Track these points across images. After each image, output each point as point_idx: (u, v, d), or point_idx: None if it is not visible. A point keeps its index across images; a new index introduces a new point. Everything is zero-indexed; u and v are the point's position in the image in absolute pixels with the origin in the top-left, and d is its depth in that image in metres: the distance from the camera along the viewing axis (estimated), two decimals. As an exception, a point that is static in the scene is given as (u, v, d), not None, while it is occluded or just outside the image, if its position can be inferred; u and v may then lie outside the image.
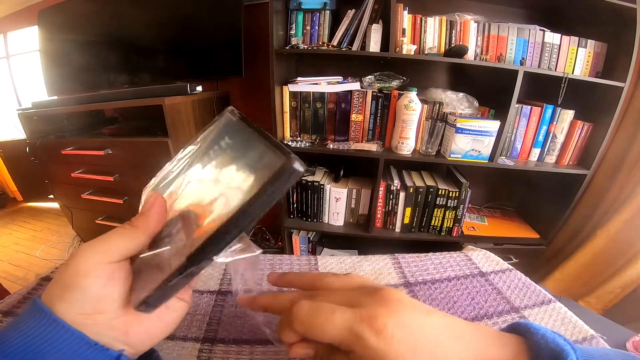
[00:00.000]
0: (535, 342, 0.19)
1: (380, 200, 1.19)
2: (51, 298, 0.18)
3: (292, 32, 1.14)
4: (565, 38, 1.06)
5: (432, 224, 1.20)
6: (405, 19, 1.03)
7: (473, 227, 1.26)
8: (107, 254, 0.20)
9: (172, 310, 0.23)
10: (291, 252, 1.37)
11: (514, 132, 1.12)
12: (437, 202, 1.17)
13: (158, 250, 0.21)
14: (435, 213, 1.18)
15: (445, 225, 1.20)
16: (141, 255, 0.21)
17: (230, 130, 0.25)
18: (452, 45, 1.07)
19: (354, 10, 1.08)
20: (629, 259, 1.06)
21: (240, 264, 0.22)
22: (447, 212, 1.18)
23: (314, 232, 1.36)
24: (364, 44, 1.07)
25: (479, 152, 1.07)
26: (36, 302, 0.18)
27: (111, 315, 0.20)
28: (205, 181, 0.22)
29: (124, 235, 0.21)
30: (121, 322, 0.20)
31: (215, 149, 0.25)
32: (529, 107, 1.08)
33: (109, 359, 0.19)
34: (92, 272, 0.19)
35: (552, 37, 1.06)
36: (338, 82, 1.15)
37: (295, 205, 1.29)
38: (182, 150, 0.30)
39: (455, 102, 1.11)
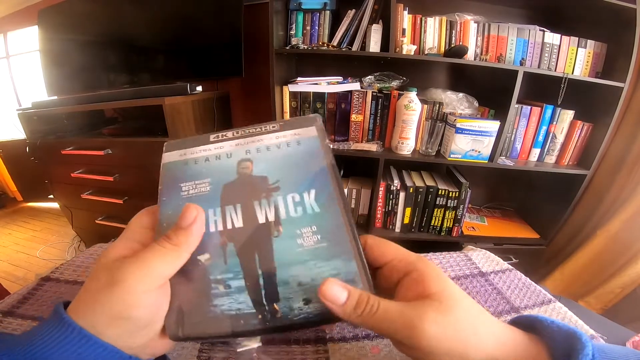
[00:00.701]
0: (547, 327, 0.19)
1: (380, 200, 1.19)
2: (96, 325, 0.18)
3: (292, 32, 1.14)
4: (565, 38, 1.06)
5: (432, 224, 1.20)
6: (405, 19, 1.04)
7: (473, 227, 1.26)
8: (152, 280, 0.19)
9: None
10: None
11: (514, 132, 1.12)
12: (437, 202, 1.16)
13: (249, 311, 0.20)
14: (435, 213, 1.18)
15: (445, 225, 1.20)
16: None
17: (318, 185, 0.23)
18: (452, 46, 1.07)
19: (354, 10, 1.08)
20: (629, 259, 1.06)
21: None
22: (447, 212, 1.18)
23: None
24: (364, 44, 1.07)
25: (479, 152, 1.07)
26: (75, 328, 0.17)
27: (152, 337, 0.20)
28: (292, 250, 0.21)
29: (165, 255, 0.19)
30: (154, 339, 0.20)
31: (298, 202, 0.23)
32: (529, 107, 1.08)
33: None
34: (142, 302, 0.18)
35: (552, 38, 1.06)
36: (338, 82, 1.15)
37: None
38: (233, 133, 0.26)
39: (455, 102, 1.12)
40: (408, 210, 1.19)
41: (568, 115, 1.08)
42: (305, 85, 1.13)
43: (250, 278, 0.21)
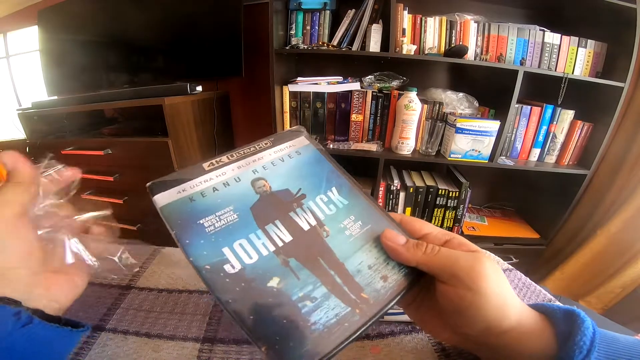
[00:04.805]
0: (549, 307, 0.22)
1: (380, 200, 1.19)
2: None
3: (292, 32, 1.14)
4: (565, 38, 1.06)
5: (432, 224, 1.20)
6: (405, 19, 1.04)
7: (473, 227, 1.26)
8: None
9: (81, 270, 0.24)
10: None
11: (514, 132, 1.12)
12: (437, 202, 1.17)
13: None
14: (435, 213, 1.18)
15: (445, 225, 1.20)
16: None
17: (335, 183, 0.26)
18: (452, 45, 1.07)
19: (354, 10, 1.08)
20: (629, 258, 1.06)
21: None
22: (447, 212, 1.18)
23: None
24: (364, 44, 1.07)
25: (479, 152, 1.07)
26: None
27: (27, 272, 0.20)
28: (346, 242, 0.23)
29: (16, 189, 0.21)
30: (42, 279, 0.21)
31: (327, 202, 0.25)
32: (529, 107, 1.08)
33: (7, 314, 0.18)
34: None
35: (552, 37, 1.06)
36: (338, 82, 1.15)
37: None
38: (228, 156, 0.26)
39: (455, 102, 1.11)
40: (408, 210, 1.19)
41: (568, 115, 1.08)
42: (305, 85, 1.13)
43: (327, 281, 0.21)
